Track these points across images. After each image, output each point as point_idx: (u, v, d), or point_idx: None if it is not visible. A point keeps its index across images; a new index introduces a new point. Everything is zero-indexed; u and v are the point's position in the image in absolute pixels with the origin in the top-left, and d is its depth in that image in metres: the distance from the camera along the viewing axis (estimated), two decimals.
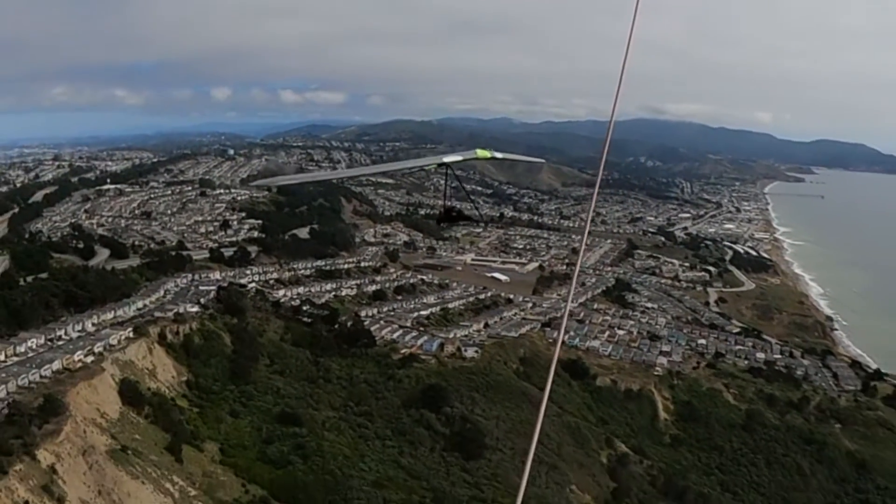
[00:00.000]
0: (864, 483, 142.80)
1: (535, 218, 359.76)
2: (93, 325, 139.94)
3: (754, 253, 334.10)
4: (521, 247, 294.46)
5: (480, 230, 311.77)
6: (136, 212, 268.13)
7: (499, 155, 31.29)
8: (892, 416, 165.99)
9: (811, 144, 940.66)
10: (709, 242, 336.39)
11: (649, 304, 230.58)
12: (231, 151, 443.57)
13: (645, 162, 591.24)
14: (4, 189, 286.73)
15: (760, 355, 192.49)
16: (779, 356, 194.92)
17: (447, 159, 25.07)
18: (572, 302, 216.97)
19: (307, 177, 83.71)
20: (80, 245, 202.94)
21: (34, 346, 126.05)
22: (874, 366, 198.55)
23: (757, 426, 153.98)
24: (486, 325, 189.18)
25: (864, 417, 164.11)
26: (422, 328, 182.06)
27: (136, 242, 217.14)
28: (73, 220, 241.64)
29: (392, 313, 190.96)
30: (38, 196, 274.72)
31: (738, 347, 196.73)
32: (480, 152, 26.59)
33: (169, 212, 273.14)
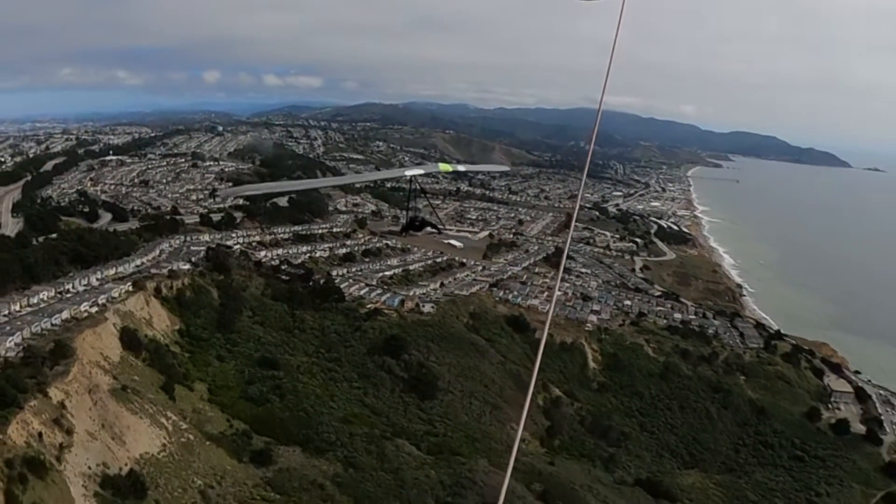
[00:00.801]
0: (763, 427, 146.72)
1: (487, 192, 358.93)
2: (97, 279, 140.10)
3: (676, 228, 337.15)
4: (474, 217, 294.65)
5: (439, 202, 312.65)
6: (136, 180, 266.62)
7: (461, 168, 33.00)
8: (788, 370, 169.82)
9: (729, 135, 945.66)
10: (637, 217, 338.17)
11: (583, 270, 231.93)
12: (220, 128, 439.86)
13: (584, 146, 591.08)
14: (19, 159, 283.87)
15: (677, 315, 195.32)
16: (693, 317, 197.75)
17: (410, 173, 24.22)
18: (515, 266, 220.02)
19: (275, 185, 79.33)
20: (86, 209, 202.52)
21: (46, 298, 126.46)
22: (775, 327, 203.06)
23: (672, 376, 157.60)
24: (442, 285, 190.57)
25: (765, 371, 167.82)
26: (385, 286, 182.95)
27: (135, 208, 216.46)
28: (79, 188, 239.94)
29: (360, 273, 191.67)
30: (49, 166, 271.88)
31: (658, 308, 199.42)
32: (443, 166, 25.71)
33: (164, 181, 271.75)
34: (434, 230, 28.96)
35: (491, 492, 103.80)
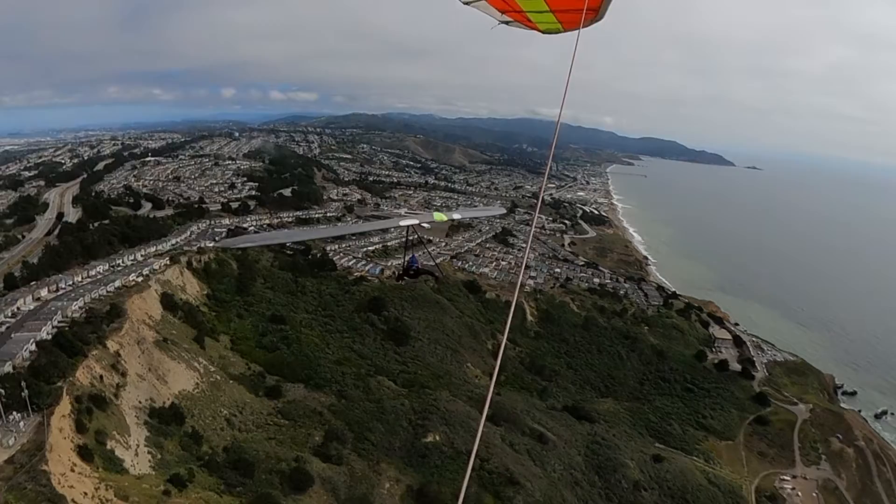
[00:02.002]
0: (661, 365, 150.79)
1: (449, 185, 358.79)
2: (141, 255, 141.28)
3: (596, 212, 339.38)
4: (439, 204, 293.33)
5: (412, 192, 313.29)
6: (170, 176, 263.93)
7: (456, 215, 25.04)
8: (682, 322, 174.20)
9: (639, 140, 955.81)
10: (566, 204, 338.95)
11: (523, 245, 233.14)
12: (236, 134, 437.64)
13: (526, 148, 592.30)
14: (76, 161, 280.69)
15: (596, 280, 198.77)
16: (609, 281, 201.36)
17: (405, 223, 20.48)
18: (470, 242, 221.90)
19: (272, 236, 61.18)
20: (131, 200, 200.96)
21: (101, 271, 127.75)
22: (672, 289, 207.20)
23: (592, 326, 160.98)
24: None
25: (664, 322, 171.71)
26: (368, 258, 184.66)
27: (170, 198, 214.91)
28: (125, 183, 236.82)
29: (348, 248, 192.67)
30: (100, 166, 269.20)
31: (581, 274, 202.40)
32: (437, 216, 21.64)
33: (192, 176, 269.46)
34: (431, 277, 23.66)
35: (451, 416, 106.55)
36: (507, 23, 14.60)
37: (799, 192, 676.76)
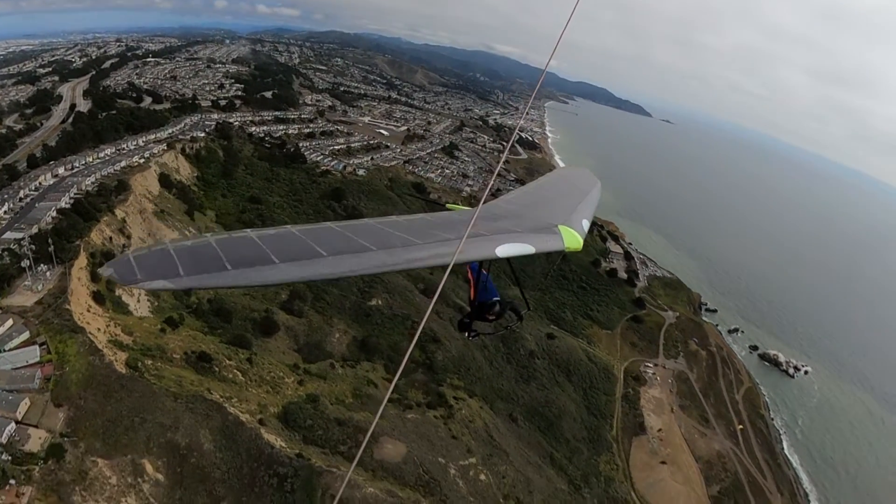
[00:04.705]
0: (563, 267, 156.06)
1: (409, 101, 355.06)
2: (143, 142, 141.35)
3: (530, 139, 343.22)
4: (398, 116, 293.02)
5: (375, 104, 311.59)
6: (167, 76, 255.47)
7: (586, 223, 11.37)
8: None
9: (575, 83, 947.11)
10: (507, 129, 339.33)
11: (466, 158, 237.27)
12: (227, 41, 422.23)
13: (479, 77, 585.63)
14: (85, 59, 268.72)
15: None
16: None
17: (504, 250, 8.50)
18: (422, 151, 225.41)
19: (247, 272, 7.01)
20: (134, 95, 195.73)
21: (109, 154, 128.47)
22: None
23: None
24: (372, 159, 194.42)
25: None
26: (334, 156, 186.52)
27: (167, 94, 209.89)
28: (129, 80, 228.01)
29: (318, 146, 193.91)
30: (107, 64, 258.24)
31: (510, 187, 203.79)
32: (567, 238, 9.83)
33: (187, 76, 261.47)
34: (516, 318, 11.21)
35: (391, 286, 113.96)
36: None
37: (701, 148, 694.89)
